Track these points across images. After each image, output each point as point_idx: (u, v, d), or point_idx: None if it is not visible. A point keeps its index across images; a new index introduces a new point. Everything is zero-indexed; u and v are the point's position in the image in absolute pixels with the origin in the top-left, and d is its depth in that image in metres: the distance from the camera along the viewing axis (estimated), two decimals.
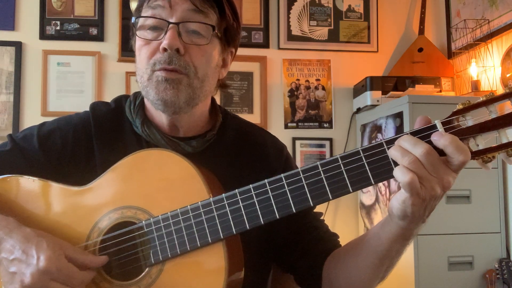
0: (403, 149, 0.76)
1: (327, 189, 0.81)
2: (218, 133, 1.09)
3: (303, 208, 0.83)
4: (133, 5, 2.94)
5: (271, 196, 0.84)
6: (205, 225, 0.87)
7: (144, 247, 0.91)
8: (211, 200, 0.88)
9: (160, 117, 1.05)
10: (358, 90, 3.03)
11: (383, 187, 2.72)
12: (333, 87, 3.19)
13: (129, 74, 2.97)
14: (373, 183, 0.79)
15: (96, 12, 3.01)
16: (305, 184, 0.82)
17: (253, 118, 2.99)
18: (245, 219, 0.86)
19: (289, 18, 3.18)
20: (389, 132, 2.66)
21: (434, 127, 0.77)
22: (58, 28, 2.98)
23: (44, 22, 2.96)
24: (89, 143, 1.05)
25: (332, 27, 3.22)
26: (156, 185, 0.92)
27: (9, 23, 2.93)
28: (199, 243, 0.87)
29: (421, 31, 3.15)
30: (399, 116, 2.55)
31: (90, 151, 1.04)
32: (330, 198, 0.81)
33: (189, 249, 0.88)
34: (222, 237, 0.87)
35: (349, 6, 3.24)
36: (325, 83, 3.19)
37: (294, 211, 0.83)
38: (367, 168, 0.79)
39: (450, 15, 3.10)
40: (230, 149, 1.09)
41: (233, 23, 1.06)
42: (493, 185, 2.50)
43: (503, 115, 0.75)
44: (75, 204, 0.96)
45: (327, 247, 1.04)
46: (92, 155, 1.04)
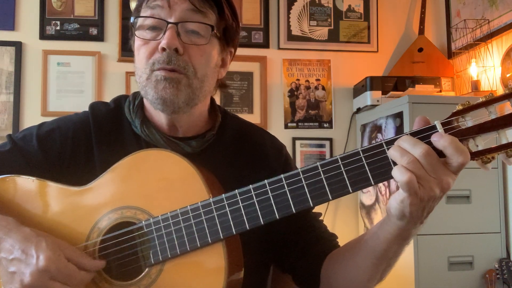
0: (402, 149, 0.76)
1: (327, 190, 0.81)
2: (218, 133, 1.09)
3: (303, 208, 0.83)
4: (133, 5, 2.94)
5: (271, 196, 0.84)
6: (205, 225, 0.87)
7: (144, 247, 0.91)
8: (211, 201, 0.88)
9: (159, 117, 1.05)
10: (358, 90, 3.03)
11: (383, 187, 2.72)
12: (333, 87, 3.19)
13: (129, 74, 2.96)
14: (373, 183, 0.79)
15: (96, 12, 3.01)
16: (305, 185, 0.82)
17: (253, 118, 2.99)
18: (245, 219, 0.85)
19: (289, 18, 3.18)
20: (389, 132, 2.66)
21: (434, 127, 0.77)
22: (58, 28, 2.98)
23: (44, 22, 2.96)
24: (88, 143, 1.05)
25: (332, 27, 3.22)
26: (156, 185, 0.92)
27: (9, 23, 2.93)
28: (199, 243, 0.87)
29: (421, 31, 3.15)
30: (399, 116, 2.55)
31: (89, 151, 1.04)
32: (330, 198, 0.81)
33: (189, 249, 0.88)
34: (222, 237, 0.86)
35: (349, 6, 3.24)
36: (325, 83, 3.18)
37: (294, 212, 0.83)
38: (367, 169, 0.79)
39: (450, 15, 3.09)
40: (230, 149, 1.09)
41: (232, 23, 1.06)
42: (493, 185, 2.50)
43: (502, 115, 0.75)
44: (75, 204, 0.96)
45: (326, 247, 1.04)
46: (91, 155, 1.04)
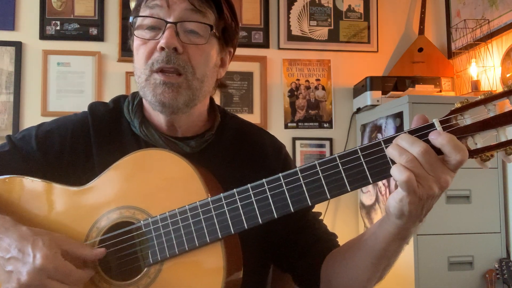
0: (400, 147, 0.76)
1: (325, 189, 0.81)
2: (217, 133, 1.09)
3: (301, 207, 0.83)
4: (133, 5, 2.93)
5: (269, 195, 0.84)
6: (204, 224, 0.87)
7: (143, 247, 0.91)
8: (209, 200, 0.87)
9: (158, 117, 1.05)
10: (358, 90, 3.03)
11: (383, 187, 2.72)
12: (333, 87, 3.19)
13: (129, 74, 2.96)
14: (371, 182, 0.79)
15: (96, 12, 3.01)
16: (303, 184, 0.82)
17: (253, 118, 2.99)
18: (243, 218, 0.85)
19: (289, 18, 3.18)
20: (389, 132, 2.65)
21: (432, 125, 0.77)
22: (58, 28, 2.98)
23: (44, 22, 2.96)
24: (87, 144, 1.05)
25: (332, 27, 3.22)
26: (155, 185, 0.92)
27: (9, 23, 2.93)
28: (197, 243, 0.87)
29: (421, 31, 3.15)
30: (399, 116, 2.54)
31: (89, 151, 1.04)
32: (328, 197, 0.81)
33: (187, 249, 0.88)
34: (220, 236, 0.86)
35: (349, 6, 3.24)
36: (325, 83, 3.18)
37: (293, 211, 0.83)
38: (365, 167, 0.79)
39: (450, 15, 3.09)
40: (229, 149, 1.09)
41: (231, 23, 1.06)
42: (493, 185, 2.49)
43: (502, 113, 0.74)
44: (74, 204, 0.96)
45: (326, 247, 1.04)
46: (90, 155, 1.04)
